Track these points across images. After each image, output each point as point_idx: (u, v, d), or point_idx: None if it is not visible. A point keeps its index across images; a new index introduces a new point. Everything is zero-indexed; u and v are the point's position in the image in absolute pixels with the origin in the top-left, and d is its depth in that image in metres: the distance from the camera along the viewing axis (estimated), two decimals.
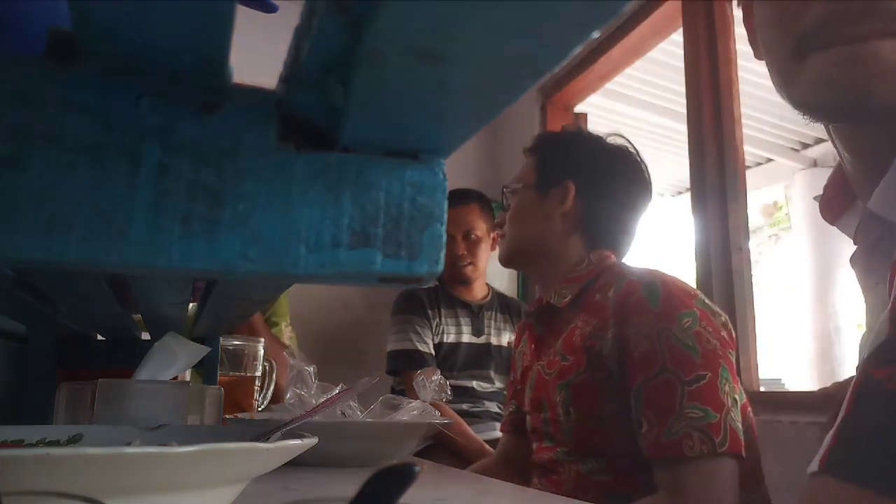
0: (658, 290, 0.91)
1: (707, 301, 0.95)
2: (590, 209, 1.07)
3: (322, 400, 0.80)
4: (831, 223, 0.63)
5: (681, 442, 0.82)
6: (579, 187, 1.07)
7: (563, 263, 1.07)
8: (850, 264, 0.62)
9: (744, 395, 0.96)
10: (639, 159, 1.13)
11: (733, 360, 0.91)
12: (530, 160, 1.14)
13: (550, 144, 1.15)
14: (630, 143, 1.15)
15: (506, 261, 1.16)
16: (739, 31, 2.03)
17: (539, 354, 1.07)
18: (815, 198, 0.73)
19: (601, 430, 0.92)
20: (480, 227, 2.11)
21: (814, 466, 0.39)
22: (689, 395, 0.83)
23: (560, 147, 1.14)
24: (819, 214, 0.71)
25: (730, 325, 0.95)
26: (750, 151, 3.46)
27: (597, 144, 1.12)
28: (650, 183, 1.14)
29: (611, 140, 1.14)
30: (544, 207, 1.09)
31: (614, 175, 1.10)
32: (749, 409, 0.97)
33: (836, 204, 0.63)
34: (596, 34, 0.18)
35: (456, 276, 2.09)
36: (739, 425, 0.85)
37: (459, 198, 2.06)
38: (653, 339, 0.87)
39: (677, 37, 2.07)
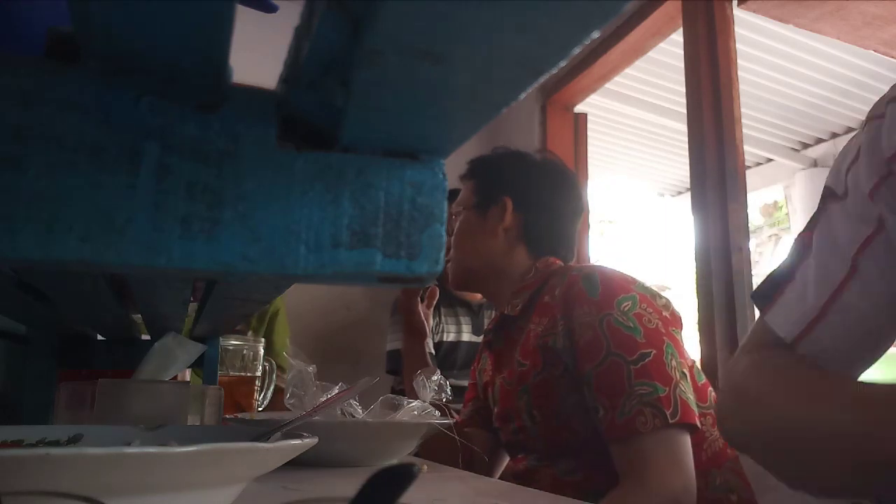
0: (596, 279, 0.94)
1: (647, 286, 0.98)
2: (529, 221, 1.12)
3: (322, 400, 0.79)
4: None
5: (634, 420, 0.83)
6: (516, 201, 1.12)
7: (511, 276, 1.10)
8: None
9: (703, 377, 0.99)
10: (567, 171, 1.19)
11: (680, 338, 0.94)
12: (468, 184, 1.19)
13: (484, 166, 1.19)
14: (558, 157, 1.21)
15: (456, 283, 1.19)
16: (739, 31, 2.03)
17: (500, 368, 1.09)
18: (888, 104, 0.61)
19: (566, 426, 0.93)
20: None
21: None
22: (636, 374, 0.85)
23: (493, 167, 1.18)
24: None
25: (672, 307, 0.97)
26: (750, 151, 3.46)
27: (527, 160, 1.17)
28: (581, 192, 1.19)
29: (540, 155, 1.20)
30: (486, 226, 1.12)
31: (546, 187, 1.14)
32: (711, 388, 0.98)
33: None
34: (596, 34, 0.18)
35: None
36: (691, 396, 0.87)
37: (456, 196, 2.07)
38: (595, 327, 0.89)
39: (677, 37, 2.07)
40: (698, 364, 1.01)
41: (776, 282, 0.67)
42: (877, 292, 0.59)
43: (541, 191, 1.14)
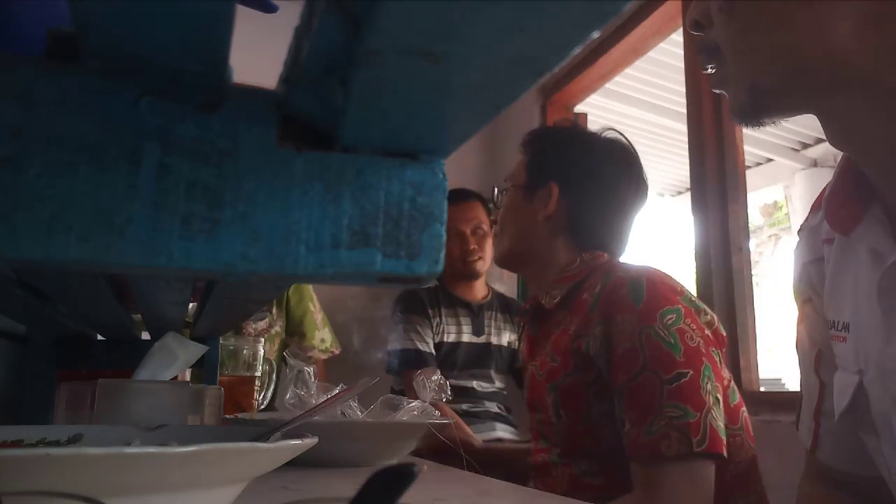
0: (642, 287, 0.89)
1: (694, 299, 0.92)
2: (575, 212, 1.04)
3: (322, 400, 0.79)
4: (847, 235, 0.58)
5: (658, 442, 0.80)
6: (563, 189, 1.04)
7: (551, 266, 1.04)
8: (879, 291, 0.54)
9: (737, 395, 0.94)
10: (632, 156, 1.09)
11: (719, 358, 0.89)
12: (523, 157, 1.11)
13: (540, 143, 1.11)
14: (625, 138, 1.10)
15: (499, 261, 1.14)
16: None
17: (533, 354, 1.06)
18: (798, 231, 0.70)
19: (591, 431, 0.91)
20: (486, 222, 2.13)
21: None
22: (668, 394, 0.82)
23: (548, 146, 1.10)
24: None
25: (717, 324, 0.93)
26: (750, 151, 3.46)
27: (586, 143, 1.08)
28: (644, 181, 1.09)
29: (606, 135, 1.09)
30: (530, 209, 1.06)
31: (602, 176, 1.05)
32: (744, 408, 0.95)
33: (846, 213, 0.57)
34: (596, 34, 0.18)
35: (467, 270, 2.09)
36: (721, 424, 0.84)
37: (461, 196, 2.08)
38: (634, 338, 0.85)
39: (677, 37, 2.07)
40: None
41: (798, 398, 0.73)
42: None
43: (594, 180, 1.04)
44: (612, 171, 1.06)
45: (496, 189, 1.15)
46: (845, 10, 0.48)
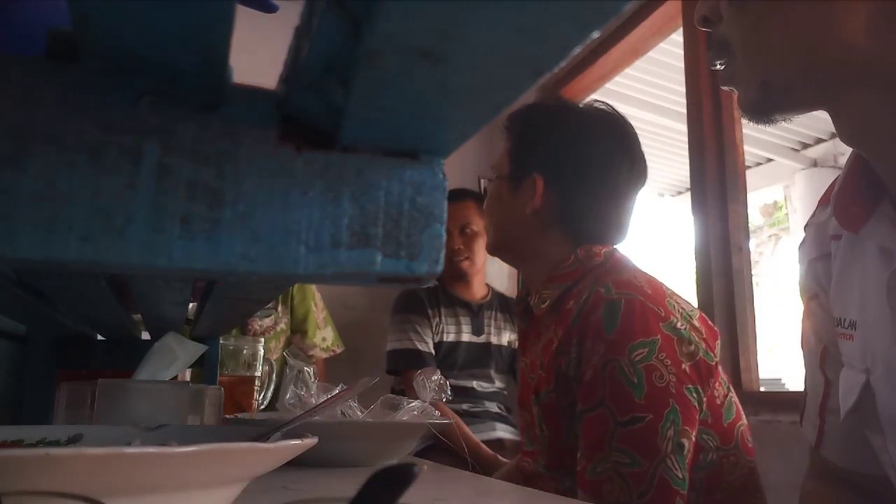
0: (618, 312, 0.81)
1: (680, 327, 0.82)
2: (564, 204, 0.95)
3: (322, 400, 0.80)
4: (856, 232, 0.57)
5: (601, 484, 0.76)
6: (549, 180, 0.95)
7: (547, 261, 0.96)
8: (888, 290, 0.53)
9: (733, 412, 0.89)
10: (623, 131, 0.99)
11: (698, 397, 0.81)
12: (505, 145, 1.02)
13: (521, 127, 1.00)
14: (615, 110, 1.01)
15: (489, 251, 1.08)
16: None
17: (524, 350, 1.01)
18: (805, 227, 0.70)
19: (572, 450, 0.86)
20: (477, 223, 2.12)
21: None
22: (619, 437, 0.76)
23: (529, 131, 0.99)
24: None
25: (700, 355, 0.82)
26: (750, 151, 3.46)
27: (570, 124, 0.97)
28: (640, 156, 1.00)
29: (593, 108, 1.00)
30: (517, 202, 0.97)
31: (591, 160, 0.95)
32: (741, 422, 0.89)
33: (856, 210, 0.57)
34: (596, 34, 0.18)
35: (453, 271, 2.09)
36: (678, 473, 0.77)
37: (455, 195, 2.08)
38: (598, 368, 0.79)
39: (677, 37, 2.07)
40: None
41: (803, 395, 0.73)
42: None
43: (581, 164, 0.95)
44: (602, 152, 0.96)
45: (481, 179, 1.13)
46: (858, 6, 0.48)
